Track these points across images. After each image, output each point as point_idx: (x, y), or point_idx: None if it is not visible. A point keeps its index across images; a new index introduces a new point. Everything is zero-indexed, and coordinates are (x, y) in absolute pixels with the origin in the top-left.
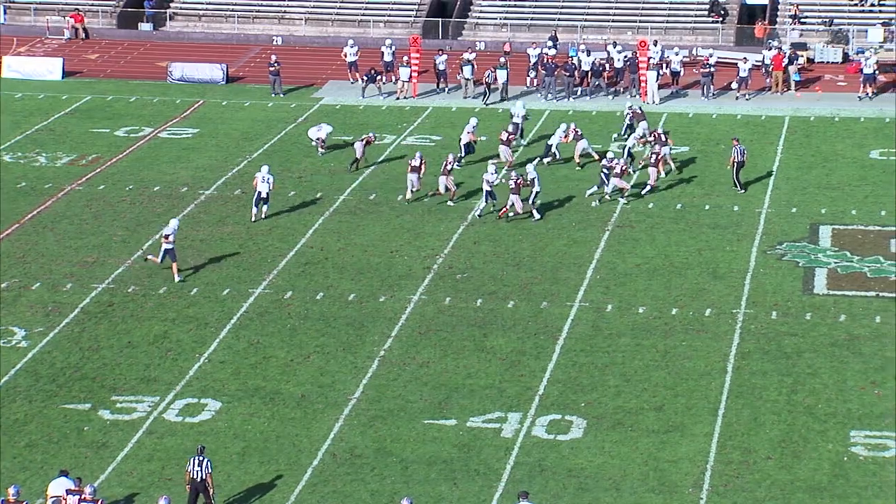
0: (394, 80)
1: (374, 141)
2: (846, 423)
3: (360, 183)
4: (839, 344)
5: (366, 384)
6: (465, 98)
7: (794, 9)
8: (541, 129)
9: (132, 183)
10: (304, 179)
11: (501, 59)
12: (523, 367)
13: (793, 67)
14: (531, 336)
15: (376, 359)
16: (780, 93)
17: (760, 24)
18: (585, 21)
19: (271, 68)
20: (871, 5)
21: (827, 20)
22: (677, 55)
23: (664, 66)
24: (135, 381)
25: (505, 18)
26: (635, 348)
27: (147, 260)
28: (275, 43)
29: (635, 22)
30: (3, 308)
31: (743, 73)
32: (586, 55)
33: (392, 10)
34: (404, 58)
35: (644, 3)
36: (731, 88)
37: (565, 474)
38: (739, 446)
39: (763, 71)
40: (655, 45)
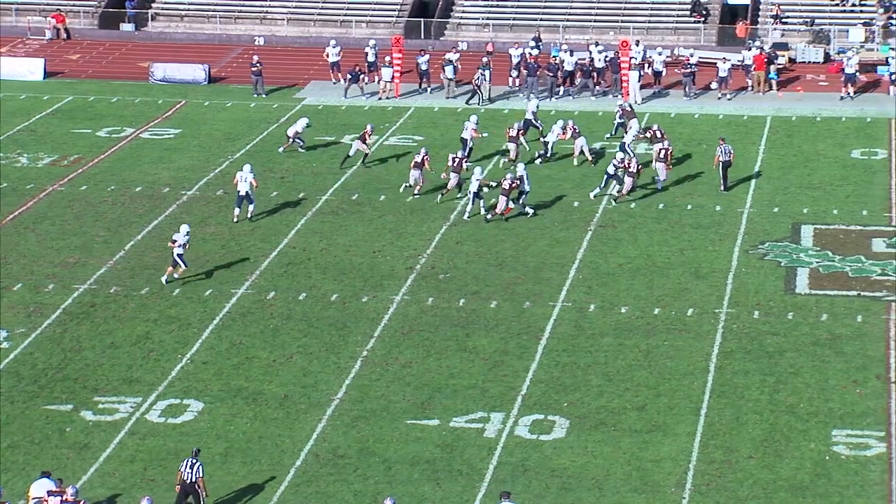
0: (376, 80)
1: (370, 134)
2: (828, 423)
3: (342, 183)
4: (821, 343)
5: (348, 384)
6: (447, 98)
7: (775, 9)
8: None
9: (114, 183)
10: (287, 180)
11: (484, 59)
12: (506, 367)
13: (772, 67)
14: (514, 336)
15: (359, 359)
16: (762, 93)
17: (742, 24)
18: (567, 21)
19: (253, 69)
20: (853, 5)
21: (808, 20)
22: (660, 55)
23: (646, 65)
24: (117, 382)
25: (487, 18)
26: (618, 348)
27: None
28: (257, 43)
29: (617, 22)
30: None
31: (722, 73)
32: (569, 55)
33: (374, 10)
34: (386, 58)
35: (626, 4)
36: (712, 88)
37: (548, 474)
38: (722, 446)
39: (743, 71)
40: (637, 45)
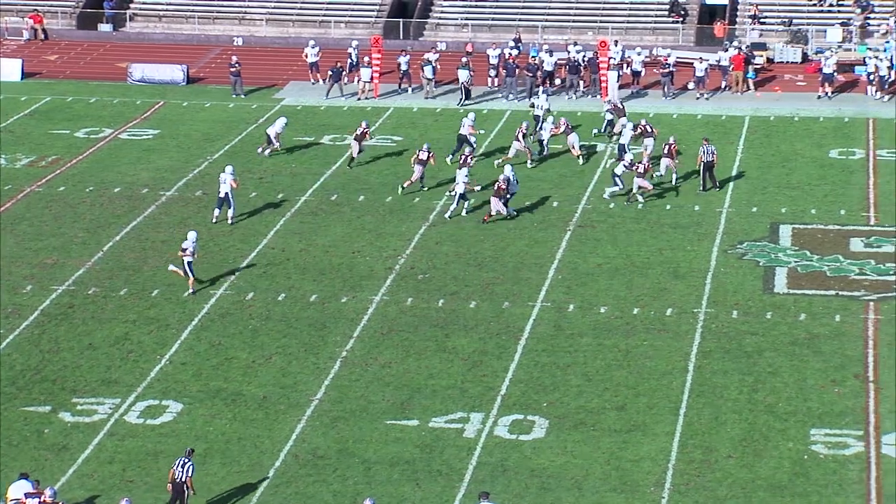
0: (356, 80)
1: (368, 131)
2: (806, 422)
3: (321, 184)
4: (799, 343)
5: (328, 385)
6: (426, 98)
7: (753, 9)
8: (503, 129)
9: (92, 184)
10: (266, 180)
11: (463, 60)
12: (485, 368)
13: (750, 67)
14: (493, 336)
15: (338, 360)
16: (741, 92)
17: (720, 24)
18: (546, 21)
19: (232, 69)
20: (830, 5)
21: (786, 20)
22: (639, 55)
23: (625, 66)
24: (95, 383)
25: (466, 19)
26: (597, 348)
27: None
28: (235, 44)
29: (596, 22)
30: None
31: (699, 73)
32: (549, 55)
33: (353, 10)
34: (365, 58)
35: (604, 4)
36: (689, 89)
37: (527, 474)
38: (701, 445)
39: (720, 71)
40: (616, 46)
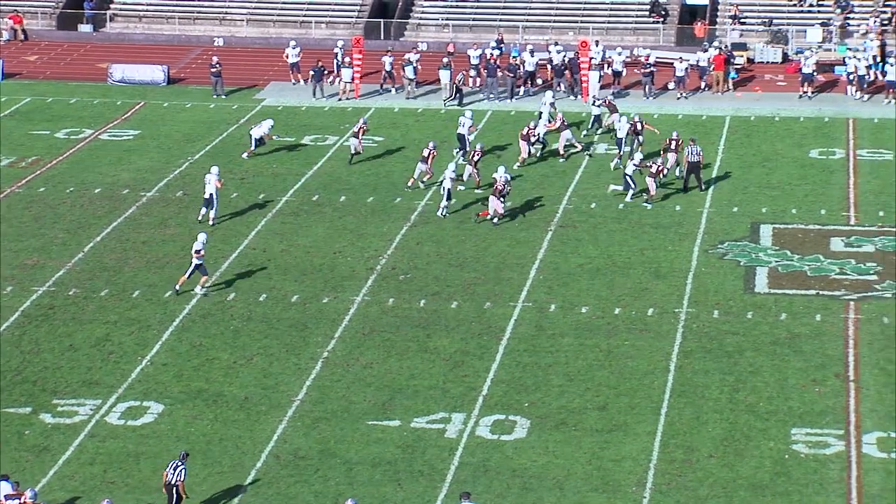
0: (337, 81)
1: (366, 128)
2: (787, 421)
3: (302, 184)
4: (780, 342)
5: (309, 385)
6: (407, 98)
7: (733, 9)
8: (484, 129)
9: (73, 185)
10: (247, 181)
11: (444, 60)
12: (467, 368)
13: (730, 67)
14: (475, 336)
15: (320, 360)
16: (721, 93)
17: (701, 24)
18: (527, 22)
19: (213, 69)
20: (810, 6)
21: (766, 20)
22: (620, 55)
23: (606, 66)
24: (76, 385)
25: (447, 19)
26: (578, 348)
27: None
28: (216, 44)
29: (577, 22)
30: None
31: (679, 73)
32: (530, 55)
33: (334, 10)
34: (345, 59)
35: (585, 4)
36: (670, 89)
37: (509, 474)
38: (682, 445)
39: (699, 71)
40: (597, 46)
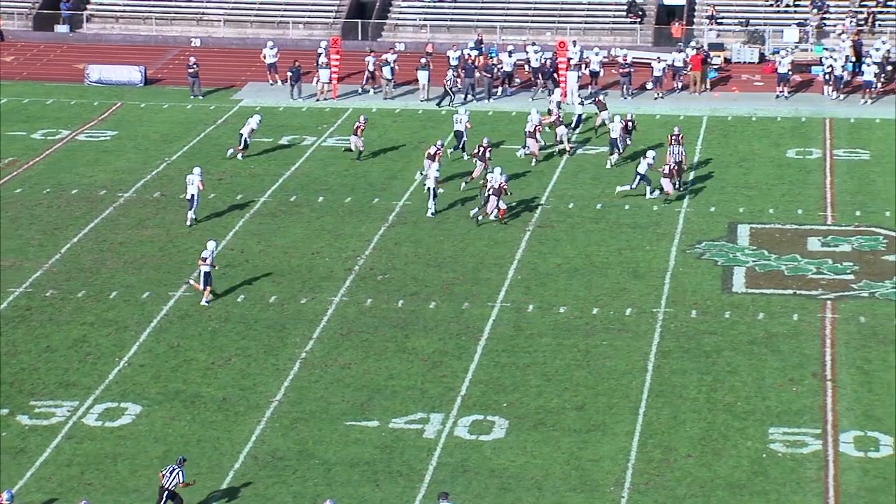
0: (314, 81)
1: (363, 126)
2: (765, 421)
3: (280, 185)
4: (758, 342)
5: (287, 386)
6: (385, 99)
7: (710, 9)
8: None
9: (49, 186)
10: (225, 181)
11: (422, 60)
12: (445, 368)
13: (708, 67)
14: (453, 337)
15: (298, 361)
16: (699, 93)
17: (678, 24)
18: (505, 22)
19: (190, 70)
20: (787, 6)
21: (743, 21)
22: (597, 55)
23: (584, 66)
24: (53, 386)
25: (424, 20)
26: (556, 348)
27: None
28: (193, 45)
29: (554, 23)
30: None
31: (657, 73)
32: (508, 56)
33: (311, 11)
34: (322, 59)
35: (562, 4)
36: (647, 89)
37: (487, 474)
38: (660, 445)
39: (672, 72)
40: (575, 46)
